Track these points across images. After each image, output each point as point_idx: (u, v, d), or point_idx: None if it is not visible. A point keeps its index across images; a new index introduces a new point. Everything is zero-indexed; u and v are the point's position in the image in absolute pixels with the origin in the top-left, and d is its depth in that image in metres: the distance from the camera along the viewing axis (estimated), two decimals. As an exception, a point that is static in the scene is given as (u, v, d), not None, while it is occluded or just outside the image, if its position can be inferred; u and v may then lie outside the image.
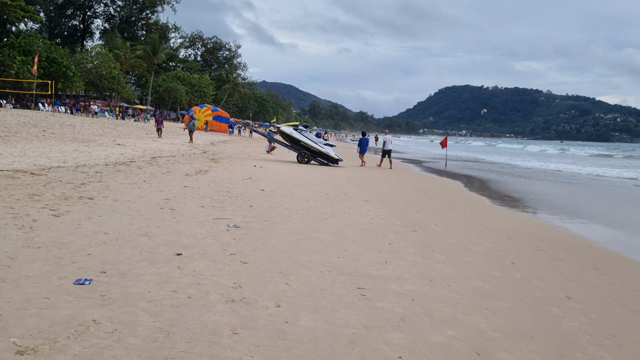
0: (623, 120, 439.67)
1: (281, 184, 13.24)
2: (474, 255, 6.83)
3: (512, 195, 16.05)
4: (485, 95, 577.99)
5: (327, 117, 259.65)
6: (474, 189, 17.39)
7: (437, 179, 20.82)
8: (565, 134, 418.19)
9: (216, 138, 43.29)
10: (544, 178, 25.48)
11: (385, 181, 17.19)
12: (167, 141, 28.96)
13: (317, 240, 6.84)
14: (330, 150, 23.25)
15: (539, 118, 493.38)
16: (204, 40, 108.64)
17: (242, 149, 31.15)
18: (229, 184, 12.23)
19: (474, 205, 12.76)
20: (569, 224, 11.19)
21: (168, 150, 22.12)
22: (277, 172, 16.99)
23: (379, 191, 13.80)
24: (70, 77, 59.12)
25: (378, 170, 22.75)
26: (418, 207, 11.27)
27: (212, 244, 6.15)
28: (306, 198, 10.98)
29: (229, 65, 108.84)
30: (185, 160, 17.97)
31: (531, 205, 14.03)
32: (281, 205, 9.59)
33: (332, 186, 14.03)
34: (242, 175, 14.43)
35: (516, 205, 13.65)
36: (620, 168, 37.00)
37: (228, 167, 17.00)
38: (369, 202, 11.37)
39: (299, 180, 14.88)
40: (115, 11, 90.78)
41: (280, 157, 25.33)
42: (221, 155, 22.60)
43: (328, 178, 16.44)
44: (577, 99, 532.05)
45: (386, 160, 24.48)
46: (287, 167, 19.72)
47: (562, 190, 19.70)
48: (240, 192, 10.95)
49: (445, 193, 14.97)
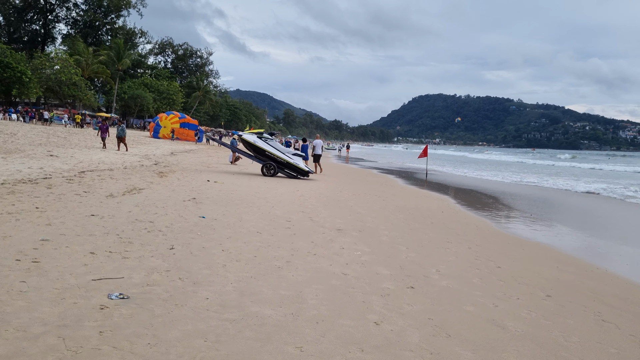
0: (592, 129, 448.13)
1: (232, 207, 10.41)
2: (515, 343, 4.13)
3: (515, 209, 13.50)
4: (458, 104, 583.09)
5: (301, 126, 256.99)
6: (467, 207, 14.80)
7: (421, 193, 18.22)
8: (536, 142, 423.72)
9: (180, 147, 40.12)
10: (548, 189, 23.14)
11: (363, 199, 14.49)
12: (119, 151, 25.81)
13: (255, 326, 4.04)
14: (300, 161, 20.49)
15: (511, 126, 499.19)
16: (174, 47, 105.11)
17: (204, 160, 28.17)
18: (160, 208, 9.35)
19: (475, 232, 10.12)
20: (614, 262, 8.63)
21: (111, 162, 19.06)
22: (233, 188, 14.15)
23: (355, 214, 11.08)
24: (25, 83, 55.24)
25: (353, 184, 20.08)
26: (407, 239, 8.57)
27: (52, 347, 3.30)
28: (259, 229, 8.18)
29: (200, 72, 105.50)
30: (122, 174, 14.97)
31: (544, 221, 11.48)
32: (219, 245, 6.77)
33: (297, 207, 11.26)
34: (185, 195, 11.55)
35: (526, 229, 11.09)
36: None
37: (174, 183, 14.08)
38: (343, 232, 8.63)
39: (257, 199, 12.08)
40: (78, 15, 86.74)
41: (243, 169, 22.47)
42: (174, 168, 19.63)
43: (294, 195, 13.67)
44: (547, 108, 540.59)
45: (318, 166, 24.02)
46: (248, 181, 16.89)
47: (571, 203, 17.30)
48: (170, 221, 8.08)
49: (435, 214, 12.34)
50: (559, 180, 30.31)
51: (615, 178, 35.82)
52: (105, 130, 27.34)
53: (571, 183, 28.33)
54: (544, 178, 32.36)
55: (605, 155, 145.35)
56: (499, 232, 10.50)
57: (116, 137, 26.61)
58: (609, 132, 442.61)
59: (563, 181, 29.82)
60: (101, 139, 27.37)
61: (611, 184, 28.60)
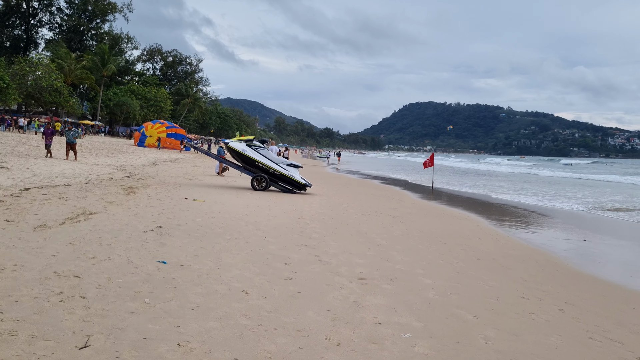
0: (581, 136, 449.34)
1: (210, 239, 7.64)
2: None
3: (555, 226, 10.79)
4: (448, 112, 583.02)
5: (292, 134, 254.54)
6: (501, 226, 12.09)
7: (439, 210, 15.48)
8: (526, 149, 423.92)
9: (165, 156, 37.21)
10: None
11: (375, 220, 11.76)
12: (91, 161, 22.90)
13: None
14: (296, 173, 17.75)
15: (501, 134, 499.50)
16: (163, 53, 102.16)
17: (188, 170, 25.34)
18: (105, 247, 6.56)
19: (543, 273, 7.40)
20: None
21: (74, 175, 16.20)
22: (216, 208, 11.38)
23: (374, 246, 8.35)
24: (3, 89, 52.08)
25: (357, 199, 17.36)
26: (464, 293, 5.83)
27: None
28: (245, 284, 5.41)
29: (190, 79, 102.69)
30: (78, 192, 12.13)
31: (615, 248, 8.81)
32: (174, 329, 3.98)
33: (298, 237, 8.52)
34: (150, 221, 8.75)
35: (601, 261, 8.42)
36: None
37: (141, 202, 11.26)
38: (368, 284, 5.89)
39: (246, 225, 9.32)
40: (62, 20, 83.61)
41: (231, 182, 19.69)
42: (149, 181, 16.80)
43: (292, 218, 10.92)
44: (537, 115, 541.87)
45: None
46: (236, 197, 14.12)
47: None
48: (109, 274, 5.29)
49: (473, 243, 9.62)
50: (595, 198, 27.75)
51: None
52: (50, 136, 23.24)
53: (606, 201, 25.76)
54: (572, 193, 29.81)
55: (601, 162, 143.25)
56: (577, 272, 7.75)
57: (66, 143, 22.55)
58: (597, 139, 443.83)
59: (595, 198, 27.25)
60: (45, 146, 23.39)
61: None
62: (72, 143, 22.22)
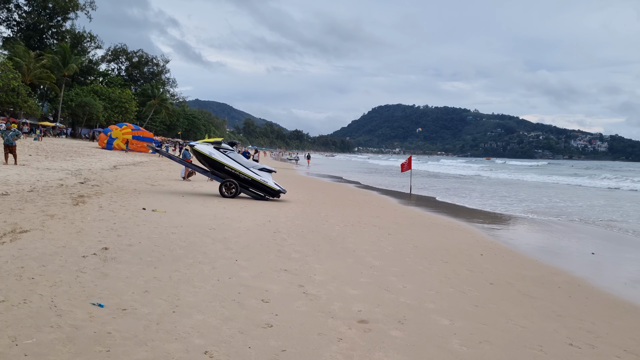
0: (545, 138, 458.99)
1: (167, 264, 6.15)
2: None
3: (554, 231, 9.64)
4: (417, 114, 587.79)
5: (262, 136, 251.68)
6: (503, 239, 10.89)
7: (427, 219, 14.21)
8: (492, 151, 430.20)
9: (129, 159, 35.14)
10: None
11: (361, 232, 10.40)
12: (43, 166, 20.90)
13: None
14: (268, 178, 16.31)
15: (468, 136, 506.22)
16: (128, 53, 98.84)
17: (152, 174, 23.57)
18: (25, 282, 5.00)
19: (586, 308, 6.16)
20: None
21: (18, 181, 14.35)
22: (178, 220, 9.84)
23: (368, 268, 6.98)
24: (-46, 90, 49.01)
25: (336, 206, 16.01)
26: (494, 338, 4.52)
27: None
28: (208, 342, 3.93)
29: (157, 80, 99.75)
30: (15, 203, 10.38)
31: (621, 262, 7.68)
32: None
33: (275, 258, 7.08)
34: (94, 241, 7.18)
35: (621, 279, 7.26)
36: None
37: (90, 214, 9.62)
38: (372, 330, 4.51)
39: (213, 243, 7.83)
40: (20, 17, 79.83)
41: (198, 187, 18.08)
42: (105, 188, 15.07)
43: (266, 231, 9.47)
44: (503, 118, 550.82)
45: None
46: (202, 206, 12.57)
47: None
48: (13, 332, 3.76)
49: (477, 261, 8.36)
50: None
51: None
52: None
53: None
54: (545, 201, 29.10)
55: (554, 164, 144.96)
56: (614, 300, 6.53)
57: (4, 145, 20.05)
58: (561, 141, 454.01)
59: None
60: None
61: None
62: (10, 145, 19.80)
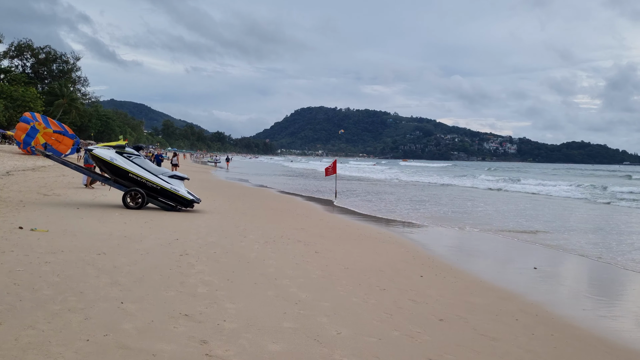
0: (460, 141, 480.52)
1: (18, 317, 4.44)
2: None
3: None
4: (339, 117, 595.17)
5: (182, 138, 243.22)
6: (445, 256, 9.94)
7: (354, 229, 13.08)
8: (412, 153, 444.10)
9: (30, 163, 31.53)
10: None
11: (284, 250, 9.04)
12: None
13: None
14: (180, 186, 14.58)
15: (388, 138, 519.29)
16: (34, 49, 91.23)
17: (51, 180, 20.93)
18: None
19: (568, 353, 5.17)
20: None
21: None
22: (62, 243, 8.01)
23: (292, 304, 5.62)
24: None
25: (255, 216, 14.57)
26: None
27: None
28: None
29: (66, 79, 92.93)
30: None
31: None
32: None
33: (173, 296, 5.56)
34: None
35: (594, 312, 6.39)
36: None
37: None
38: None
39: (96, 273, 6.16)
40: None
41: (99, 196, 15.94)
42: (-20, 200, 12.71)
43: (170, 254, 7.86)
44: (421, 121, 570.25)
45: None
46: (97, 221, 10.69)
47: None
48: None
49: (417, 284, 7.24)
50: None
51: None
52: None
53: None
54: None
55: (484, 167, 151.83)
56: (576, 332, 5.57)
57: None
58: (475, 143, 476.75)
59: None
60: None
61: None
62: None
